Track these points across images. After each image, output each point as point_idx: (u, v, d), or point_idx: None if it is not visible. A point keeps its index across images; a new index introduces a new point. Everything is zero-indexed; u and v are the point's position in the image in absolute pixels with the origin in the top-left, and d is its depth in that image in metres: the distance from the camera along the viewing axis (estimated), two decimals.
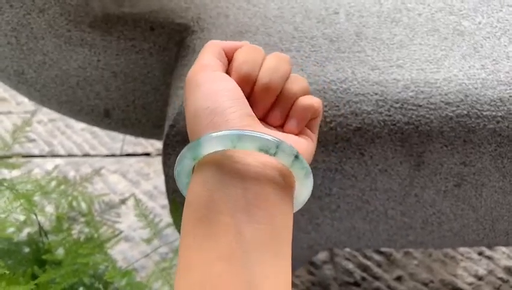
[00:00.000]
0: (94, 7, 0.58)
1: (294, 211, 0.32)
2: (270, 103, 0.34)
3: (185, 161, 0.30)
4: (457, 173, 0.52)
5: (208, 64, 0.34)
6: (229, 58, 0.36)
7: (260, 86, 0.34)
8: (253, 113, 0.32)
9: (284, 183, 0.30)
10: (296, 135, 0.35)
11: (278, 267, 0.27)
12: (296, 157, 0.30)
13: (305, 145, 0.34)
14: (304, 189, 0.32)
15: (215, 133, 0.29)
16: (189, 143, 0.30)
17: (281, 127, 0.36)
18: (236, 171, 0.28)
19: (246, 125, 0.30)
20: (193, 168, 0.31)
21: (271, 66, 0.34)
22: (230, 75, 0.34)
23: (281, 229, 0.28)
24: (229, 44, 0.37)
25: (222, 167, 0.29)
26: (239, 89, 0.32)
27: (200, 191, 0.29)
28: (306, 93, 0.36)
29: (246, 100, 0.32)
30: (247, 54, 0.35)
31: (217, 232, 0.27)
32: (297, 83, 0.35)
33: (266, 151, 0.29)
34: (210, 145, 0.28)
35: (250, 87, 0.34)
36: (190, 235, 0.28)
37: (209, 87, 0.31)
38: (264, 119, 0.35)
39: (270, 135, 0.29)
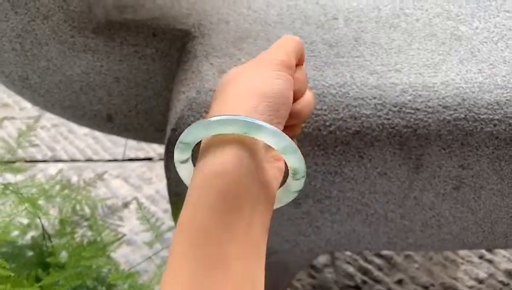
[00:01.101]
0: (97, 14, 0.59)
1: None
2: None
3: (229, 127, 0.28)
4: (455, 176, 0.52)
5: (291, 66, 0.35)
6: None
7: (297, 111, 0.36)
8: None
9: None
10: None
11: None
12: (300, 190, 0.32)
13: None
14: (283, 200, 0.34)
15: (280, 132, 0.29)
16: (248, 118, 0.28)
17: None
18: (263, 169, 0.29)
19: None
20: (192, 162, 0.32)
21: (311, 102, 0.38)
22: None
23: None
24: (303, 53, 0.39)
25: (260, 158, 0.30)
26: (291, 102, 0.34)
27: (236, 170, 0.28)
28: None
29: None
30: (304, 78, 0.38)
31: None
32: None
33: (295, 173, 0.31)
34: (270, 136, 0.29)
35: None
36: (205, 210, 0.27)
37: (286, 91, 0.32)
38: None
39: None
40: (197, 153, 0.31)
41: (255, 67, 0.33)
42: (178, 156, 0.31)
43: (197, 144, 0.31)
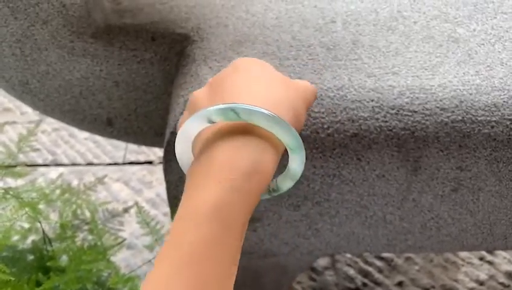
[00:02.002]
0: (96, 19, 0.59)
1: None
2: None
3: (256, 115, 0.28)
4: (454, 178, 0.52)
5: (311, 102, 0.36)
6: None
7: None
8: None
9: None
10: None
11: None
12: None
13: None
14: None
15: (280, 118, 0.29)
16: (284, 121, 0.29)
17: None
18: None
19: None
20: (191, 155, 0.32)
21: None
22: None
23: None
24: None
25: (280, 154, 0.30)
26: None
27: (273, 168, 0.29)
28: None
29: None
30: None
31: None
32: None
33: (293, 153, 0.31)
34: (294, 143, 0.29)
35: None
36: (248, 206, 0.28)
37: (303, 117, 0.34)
38: None
39: None
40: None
41: (277, 81, 0.33)
42: (214, 117, 0.29)
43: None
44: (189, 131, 0.30)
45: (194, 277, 0.26)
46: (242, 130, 0.29)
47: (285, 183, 0.33)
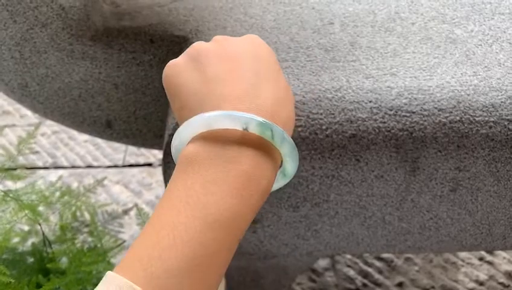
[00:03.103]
0: (95, 21, 0.59)
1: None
2: None
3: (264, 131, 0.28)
4: (452, 178, 0.52)
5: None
6: None
7: None
8: None
9: None
10: None
11: None
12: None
13: None
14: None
15: (278, 127, 0.29)
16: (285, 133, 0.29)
17: None
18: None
19: None
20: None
21: None
22: None
23: None
24: None
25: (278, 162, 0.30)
26: None
27: (273, 178, 0.29)
28: None
29: None
30: None
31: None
32: None
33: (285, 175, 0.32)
34: (291, 151, 0.30)
35: None
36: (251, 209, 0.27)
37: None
38: None
39: None
40: None
41: (266, 73, 0.33)
42: (218, 123, 0.29)
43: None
44: (186, 133, 0.30)
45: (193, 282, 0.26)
46: (264, 149, 0.28)
47: (275, 184, 0.33)
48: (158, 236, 0.25)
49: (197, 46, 0.33)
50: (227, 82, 0.30)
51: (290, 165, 0.30)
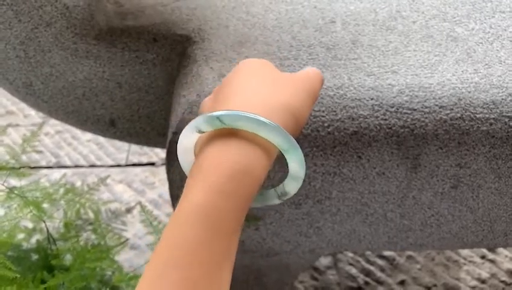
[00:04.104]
0: (99, 21, 0.60)
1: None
2: None
3: (210, 120, 0.29)
4: (453, 175, 0.53)
5: (316, 97, 0.36)
6: None
7: None
8: None
9: None
10: None
11: None
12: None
13: None
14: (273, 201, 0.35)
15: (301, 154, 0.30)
16: (286, 134, 0.29)
17: None
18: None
19: None
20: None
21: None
22: None
23: None
24: None
25: (273, 157, 0.31)
26: None
27: (263, 174, 0.29)
28: None
29: None
30: None
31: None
32: None
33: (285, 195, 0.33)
34: (295, 154, 0.30)
35: None
36: (233, 204, 0.27)
37: (306, 119, 0.34)
38: None
39: None
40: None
41: (283, 81, 0.34)
42: (202, 126, 0.30)
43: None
44: (184, 142, 0.31)
45: (175, 281, 0.25)
46: (226, 134, 0.29)
47: (291, 186, 0.33)
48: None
49: (200, 105, 0.36)
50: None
51: (278, 139, 0.29)
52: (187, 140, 0.31)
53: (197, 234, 0.26)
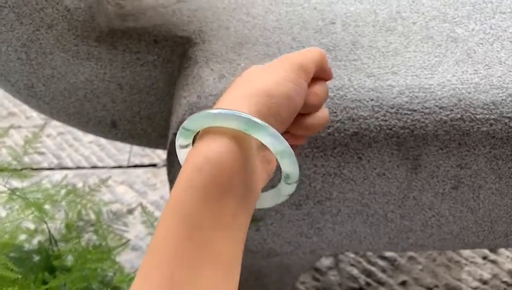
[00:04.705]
0: (100, 23, 0.60)
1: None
2: (294, 132, 0.37)
3: (230, 121, 0.29)
4: (454, 176, 0.53)
5: (307, 71, 0.35)
6: (315, 75, 0.38)
7: (309, 124, 0.36)
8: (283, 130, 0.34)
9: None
10: None
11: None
12: (297, 182, 0.33)
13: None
14: (272, 202, 0.35)
15: (279, 135, 0.30)
16: (250, 116, 0.29)
17: None
18: (256, 168, 0.30)
19: None
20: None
21: (326, 118, 0.37)
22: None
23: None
24: (328, 68, 0.38)
25: (253, 156, 0.30)
26: (299, 108, 0.34)
27: (229, 161, 0.29)
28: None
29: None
30: (325, 91, 0.37)
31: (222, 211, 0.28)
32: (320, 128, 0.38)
33: (287, 178, 0.32)
34: (267, 137, 0.30)
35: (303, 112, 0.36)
36: (196, 193, 0.28)
37: (292, 94, 0.33)
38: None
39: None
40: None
41: (271, 66, 0.34)
42: (179, 141, 0.32)
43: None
44: (180, 143, 0.32)
45: (156, 281, 0.25)
46: (205, 132, 0.30)
47: (284, 186, 0.33)
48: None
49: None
50: None
51: (233, 124, 0.29)
52: (181, 145, 0.32)
53: (170, 230, 0.27)
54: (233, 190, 0.28)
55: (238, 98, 0.31)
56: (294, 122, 0.34)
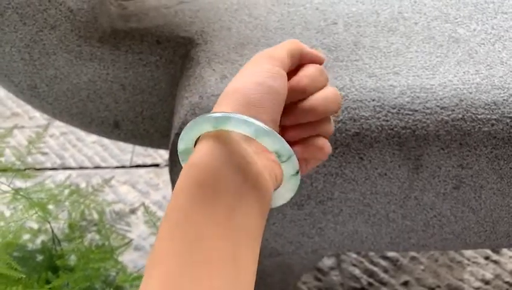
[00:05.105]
0: (103, 23, 0.61)
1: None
2: (300, 122, 0.36)
3: (204, 125, 0.30)
4: (455, 176, 0.53)
5: (278, 58, 0.35)
6: (301, 63, 0.37)
7: (308, 107, 0.35)
8: (278, 120, 0.34)
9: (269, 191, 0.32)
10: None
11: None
12: (297, 173, 0.32)
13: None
14: (281, 199, 0.35)
15: (247, 118, 0.30)
16: (217, 113, 0.30)
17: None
18: (248, 160, 0.30)
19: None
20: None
21: (329, 97, 0.36)
22: (289, 77, 0.35)
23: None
24: (309, 51, 0.38)
25: (237, 149, 0.30)
26: (285, 94, 0.34)
27: (209, 160, 0.29)
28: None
29: (281, 108, 0.34)
30: (314, 71, 0.36)
31: (215, 205, 0.28)
32: (332, 126, 0.37)
33: (279, 156, 0.31)
34: (238, 124, 0.30)
35: (296, 99, 0.35)
36: (184, 196, 0.29)
37: (264, 80, 0.33)
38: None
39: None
40: None
41: (246, 66, 0.35)
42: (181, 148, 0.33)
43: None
44: (182, 144, 0.33)
45: (155, 277, 0.26)
46: (203, 137, 0.31)
47: (285, 170, 0.33)
48: None
49: None
50: None
51: (228, 126, 0.30)
52: (186, 142, 0.33)
53: (167, 232, 0.28)
54: (222, 187, 0.29)
55: (219, 100, 0.33)
56: (291, 111, 0.34)
